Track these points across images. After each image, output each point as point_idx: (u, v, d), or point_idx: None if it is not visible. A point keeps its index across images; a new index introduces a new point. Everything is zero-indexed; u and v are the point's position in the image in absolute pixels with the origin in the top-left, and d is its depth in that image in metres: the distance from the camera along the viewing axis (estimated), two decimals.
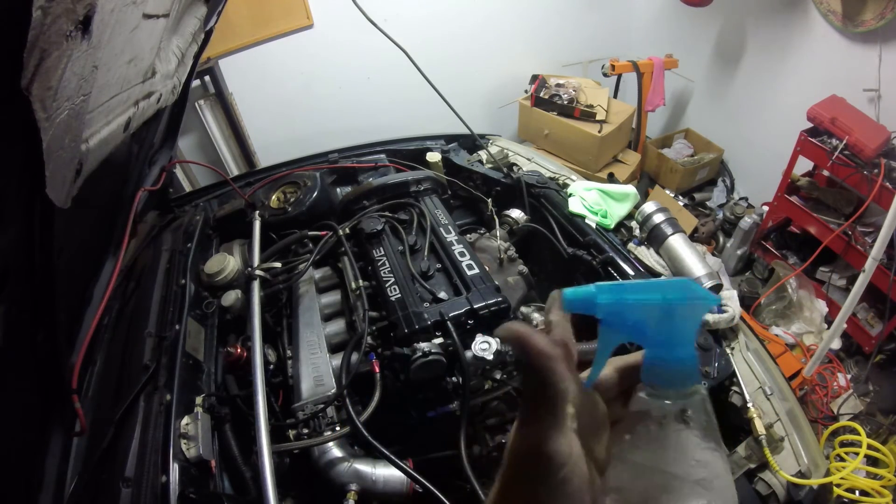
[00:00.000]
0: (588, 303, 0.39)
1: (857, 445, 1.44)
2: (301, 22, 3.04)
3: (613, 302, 0.38)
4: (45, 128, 0.59)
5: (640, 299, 0.38)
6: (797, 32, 2.93)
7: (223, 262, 1.44)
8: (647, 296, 0.38)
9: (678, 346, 0.38)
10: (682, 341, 0.38)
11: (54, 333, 0.89)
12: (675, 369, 0.39)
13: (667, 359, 0.39)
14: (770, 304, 2.84)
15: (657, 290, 0.38)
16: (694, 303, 0.38)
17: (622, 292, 0.38)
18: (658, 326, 0.38)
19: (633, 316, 0.38)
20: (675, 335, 0.38)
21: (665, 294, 0.38)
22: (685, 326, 0.38)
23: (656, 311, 0.38)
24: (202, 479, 0.98)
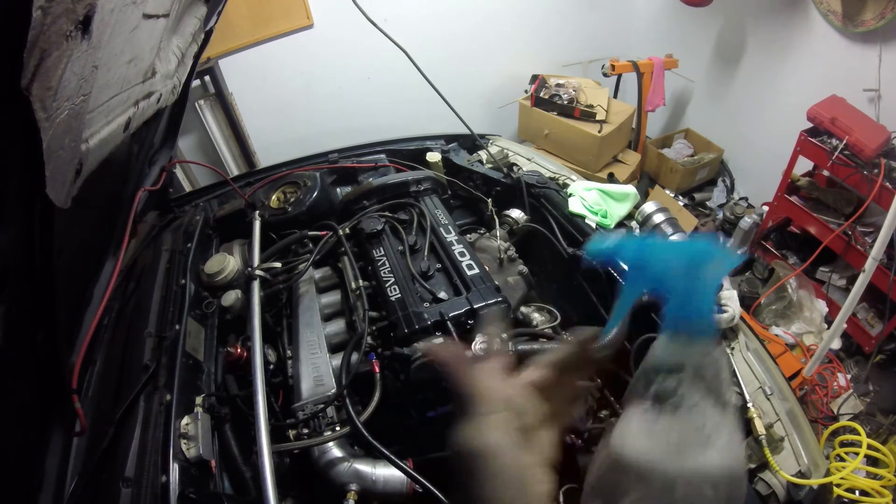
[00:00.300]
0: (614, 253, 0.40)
1: (857, 445, 1.44)
2: (301, 22, 3.04)
3: (639, 252, 0.40)
4: (45, 128, 0.59)
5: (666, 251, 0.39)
6: (797, 32, 2.93)
7: (223, 262, 1.44)
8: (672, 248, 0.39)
9: (699, 300, 0.39)
10: (703, 295, 0.39)
11: (54, 333, 0.89)
12: (695, 320, 0.39)
13: (687, 311, 0.39)
14: (770, 304, 2.84)
15: (682, 249, 0.39)
16: (717, 259, 0.39)
17: (648, 248, 0.40)
18: (681, 280, 0.39)
19: (656, 268, 0.39)
20: (696, 289, 0.39)
21: (690, 248, 0.39)
22: (707, 281, 0.39)
23: (680, 265, 0.39)
24: (202, 479, 0.98)
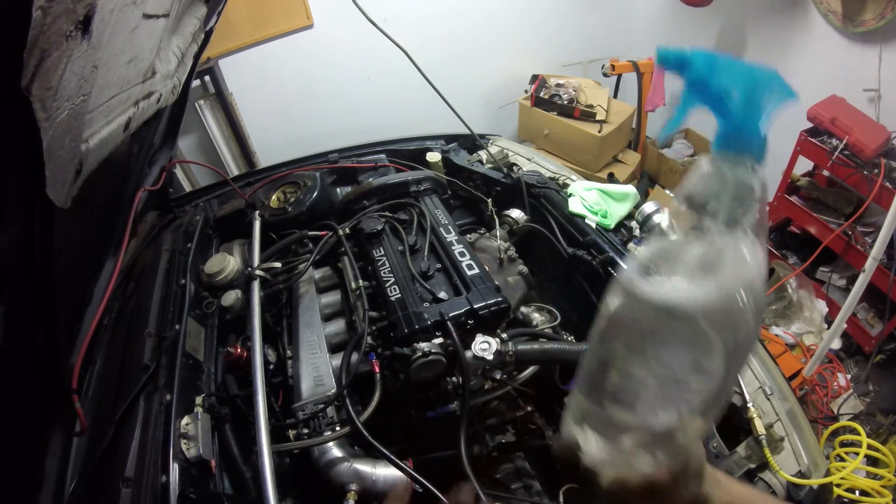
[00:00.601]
0: (682, 62, 0.41)
1: (857, 445, 1.44)
2: (301, 22, 3.04)
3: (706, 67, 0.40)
4: (45, 128, 0.59)
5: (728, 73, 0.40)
6: (797, 32, 2.93)
7: (223, 262, 1.45)
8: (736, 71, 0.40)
9: (752, 123, 0.40)
10: (756, 121, 0.40)
11: (54, 333, 0.89)
12: (747, 137, 0.40)
13: (740, 131, 0.40)
14: (770, 304, 2.83)
15: (747, 70, 0.40)
16: (776, 88, 0.40)
17: (714, 63, 0.40)
18: (738, 102, 0.39)
19: (718, 84, 0.40)
20: (751, 113, 0.40)
21: (753, 75, 0.39)
22: (761, 109, 0.40)
23: (740, 88, 0.39)
24: (202, 479, 0.98)
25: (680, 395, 0.39)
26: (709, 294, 0.38)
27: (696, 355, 0.38)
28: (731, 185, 0.40)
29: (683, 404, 0.40)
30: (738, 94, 0.39)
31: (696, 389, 0.39)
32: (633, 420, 0.41)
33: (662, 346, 0.39)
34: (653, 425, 0.41)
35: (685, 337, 0.38)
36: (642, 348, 0.40)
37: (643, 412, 0.40)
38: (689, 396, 0.39)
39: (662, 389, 0.39)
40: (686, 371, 0.39)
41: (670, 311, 0.38)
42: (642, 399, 0.40)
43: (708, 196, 0.40)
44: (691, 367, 0.39)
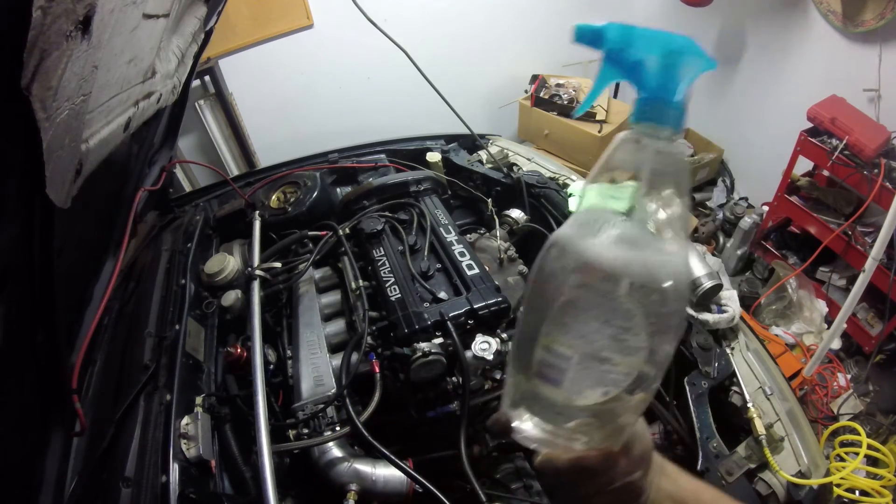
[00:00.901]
0: (597, 35, 0.41)
1: (857, 445, 1.44)
2: (301, 22, 3.04)
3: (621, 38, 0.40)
4: (45, 128, 0.59)
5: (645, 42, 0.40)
6: (797, 32, 2.93)
7: (223, 262, 1.45)
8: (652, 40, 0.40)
9: (670, 93, 0.40)
10: (675, 89, 0.40)
11: (54, 333, 0.89)
12: (664, 106, 0.40)
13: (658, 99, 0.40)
14: (770, 304, 2.84)
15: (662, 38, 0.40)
16: (692, 57, 0.39)
17: (629, 34, 0.40)
18: (655, 71, 0.39)
19: (634, 55, 0.40)
20: (669, 83, 0.40)
21: (669, 43, 0.39)
22: (679, 77, 0.40)
23: (656, 56, 0.39)
24: (202, 479, 0.98)
25: (604, 373, 0.39)
26: (630, 261, 0.38)
27: (616, 331, 0.38)
28: (650, 157, 0.39)
29: (610, 384, 0.39)
30: (655, 63, 0.39)
31: (620, 369, 0.39)
32: (559, 397, 0.40)
33: (582, 317, 0.39)
34: (579, 403, 0.40)
35: (605, 307, 0.38)
36: (562, 320, 0.39)
37: (569, 389, 0.40)
38: (614, 376, 0.39)
39: (586, 366, 0.39)
40: (608, 348, 0.38)
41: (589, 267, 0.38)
42: (567, 376, 0.40)
43: (627, 168, 0.40)
44: (613, 343, 0.38)
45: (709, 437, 1.11)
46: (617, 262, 0.38)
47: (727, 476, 1.05)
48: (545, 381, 0.41)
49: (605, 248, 0.38)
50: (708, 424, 1.13)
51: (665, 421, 1.19)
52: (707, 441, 1.10)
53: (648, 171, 0.39)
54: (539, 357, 0.41)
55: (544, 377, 0.41)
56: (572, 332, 0.39)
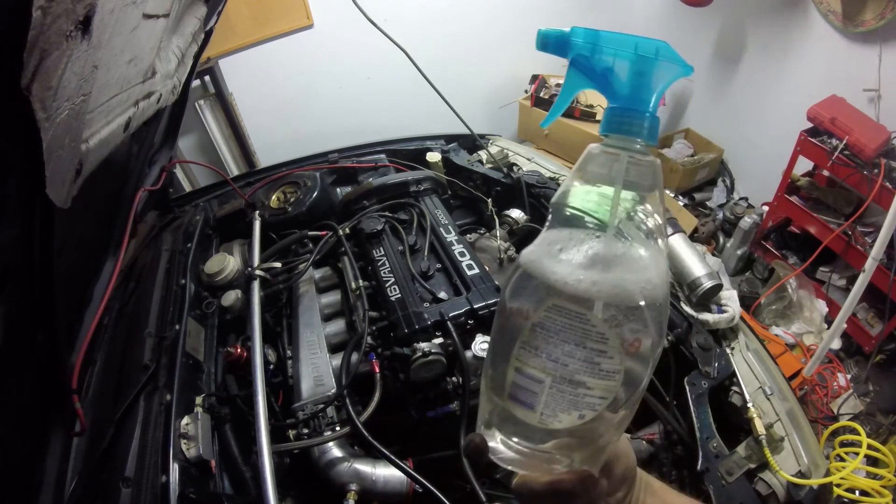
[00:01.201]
0: (562, 40, 0.38)
1: (857, 445, 1.44)
2: (301, 22, 3.04)
3: (587, 43, 0.37)
4: (45, 128, 0.59)
5: (614, 46, 0.37)
6: (797, 32, 2.93)
7: (223, 262, 1.44)
8: (620, 45, 0.37)
9: (642, 102, 0.37)
10: (647, 98, 0.37)
11: (54, 333, 0.89)
12: (636, 117, 0.38)
13: (629, 109, 0.38)
14: (770, 304, 2.83)
15: (631, 43, 0.37)
16: (665, 62, 0.37)
17: (597, 38, 0.37)
18: (625, 79, 0.37)
19: (602, 63, 0.37)
20: (641, 91, 0.37)
21: (638, 48, 0.36)
22: (652, 85, 0.37)
23: (626, 63, 0.37)
24: (202, 479, 0.98)
25: (579, 397, 0.37)
26: (601, 283, 0.36)
27: (589, 353, 0.36)
28: (622, 169, 0.37)
29: (586, 407, 0.37)
30: (625, 70, 0.37)
31: (595, 392, 0.37)
32: (533, 420, 0.39)
33: (553, 340, 0.37)
34: (554, 427, 0.38)
35: (577, 330, 0.36)
36: (533, 342, 0.37)
37: (542, 413, 0.38)
38: (590, 400, 0.37)
39: (559, 389, 0.37)
40: (582, 371, 0.36)
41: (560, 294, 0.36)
42: (540, 399, 0.38)
43: (600, 181, 0.38)
44: (587, 366, 0.36)
45: (709, 437, 1.11)
46: (587, 284, 0.36)
47: (727, 476, 1.05)
48: (518, 403, 0.39)
49: (575, 269, 0.36)
50: (708, 424, 1.13)
51: (665, 421, 1.19)
52: (707, 441, 1.10)
53: (621, 183, 0.37)
54: (511, 379, 0.39)
55: (517, 400, 0.39)
56: (543, 354, 0.37)
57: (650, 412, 1.21)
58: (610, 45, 0.37)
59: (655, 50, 0.36)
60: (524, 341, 0.38)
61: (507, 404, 0.40)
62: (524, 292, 0.39)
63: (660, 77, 0.37)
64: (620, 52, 0.37)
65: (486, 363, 0.43)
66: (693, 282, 1.43)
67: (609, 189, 0.38)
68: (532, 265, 0.39)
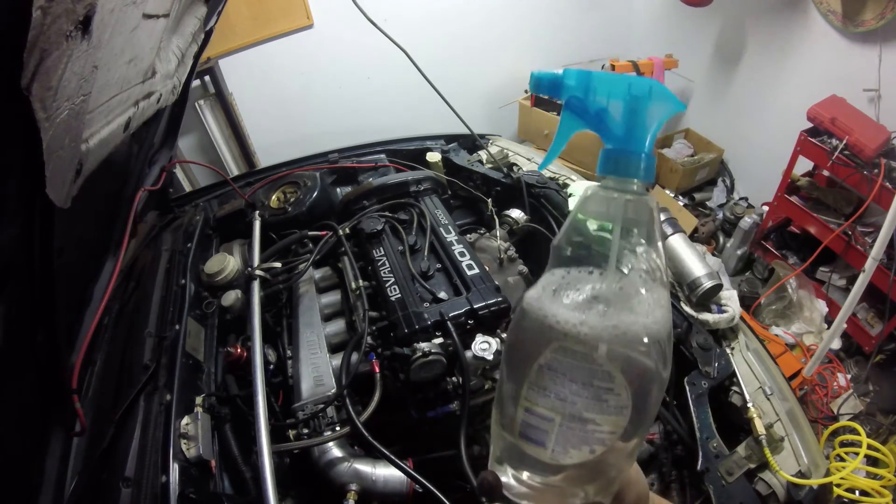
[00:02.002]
0: (555, 83, 0.39)
1: (857, 445, 1.44)
2: (301, 22, 3.04)
3: (579, 85, 0.38)
4: (45, 128, 0.59)
5: (607, 86, 0.38)
6: (797, 32, 2.93)
7: (223, 262, 1.44)
8: (613, 85, 0.37)
9: (637, 142, 0.38)
10: (642, 137, 0.38)
11: (54, 333, 0.89)
12: (632, 158, 0.38)
13: (625, 150, 0.38)
14: (770, 304, 2.83)
15: (624, 83, 0.37)
16: (658, 101, 0.37)
17: (589, 79, 0.38)
18: (619, 119, 0.38)
19: (596, 104, 0.38)
20: (635, 130, 0.38)
21: (631, 88, 0.37)
22: (646, 123, 0.38)
23: (619, 103, 0.37)
24: (202, 479, 0.98)
25: (589, 433, 0.38)
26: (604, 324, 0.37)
27: (597, 391, 0.37)
28: (619, 208, 0.38)
29: (596, 443, 0.38)
30: (619, 111, 0.38)
31: (605, 427, 0.38)
32: (545, 457, 0.39)
33: (560, 380, 0.38)
34: (565, 463, 0.39)
35: (583, 370, 0.37)
36: (540, 383, 0.38)
37: (554, 450, 0.39)
38: (600, 435, 0.38)
39: (569, 427, 0.38)
40: (590, 408, 0.37)
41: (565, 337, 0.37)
42: (551, 437, 0.38)
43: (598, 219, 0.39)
44: (595, 404, 0.37)
45: (709, 437, 1.11)
46: (590, 327, 0.37)
47: (727, 476, 1.05)
48: (529, 441, 0.40)
49: (578, 312, 0.37)
50: (708, 424, 1.13)
51: (665, 421, 1.19)
52: (707, 441, 1.10)
53: (620, 222, 0.38)
54: (521, 418, 0.40)
55: (528, 438, 0.40)
56: (552, 394, 0.38)
57: None
58: (603, 85, 0.38)
59: (648, 89, 0.37)
60: (532, 382, 0.39)
61: (519, 442, 0.41)
62: (529, 334, 0.40)
63: (653, 116, 0.38)
64: (614, 93, 0.38)
65: (496, 402, 0.44)
66: (693, 282, 1.43)
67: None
68: (536, 308, 0.39)
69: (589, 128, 0.39)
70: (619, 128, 0.38)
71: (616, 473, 0.41)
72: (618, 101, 0.37)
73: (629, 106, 0.37)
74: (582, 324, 0.37)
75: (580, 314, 0.37)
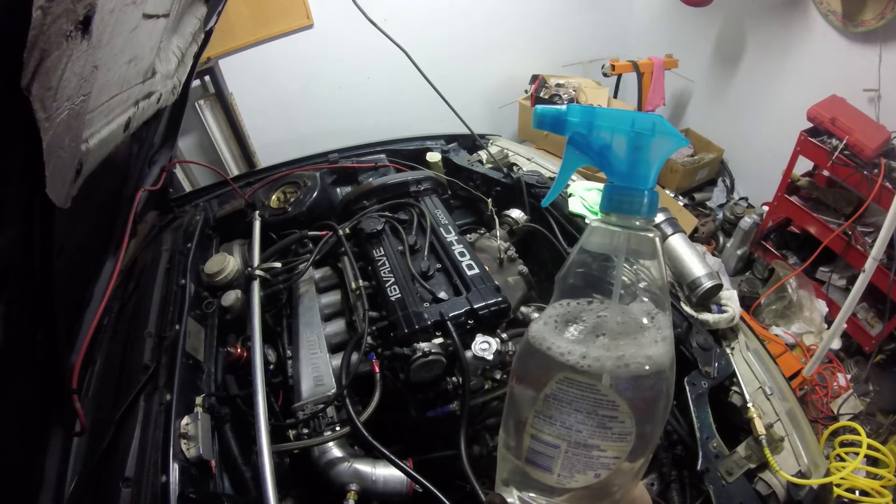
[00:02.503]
0: (558, 120, 0.39)
1: (857, 445, 1.44)
2: (301, 22, 3.04)
3: (583, 121, 0.38)
4: (45, 128, 0.59)
5: (610, 122, 0.38)
6: (797, 32, 2.93)
7: (223, 262, 1.44)
8: (616, 121, 0.38)
9: (640, 178, 0.38)
10: (645, 173, 0.38)
11: (54, 333, 0.89)
12: (635, 195, 0.38)
13: (628, 187, 0.38)
14: (770, 304, 2.83)
15: (628, 119, 0.38)
16: (662, 137, 0.37)
17: (592, 116, 0.38)
18: (623, 155, 0.38)
19: (599, 140, 0.38)
20: (638, 166, 0.38)
21: (635, 124, 0.37)
22: (649, 159, 0.38)
23: (623, 139, 0.38)
24: (202, 479, 0.98)
25: (594, 459, 0.39)
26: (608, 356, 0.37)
27: (602, 419, 0.38)
28: (623, 242, 0.38)
29: (601, 468, 0.39)
30: (622, 146, 0.38)
31: (609, 453, 0.39)
32: (551, 482, 0.40)
33: (566, 410, 0.38)
34: (571, 486, 0.40)
35: (588, 400, 0.38)
36: (546, 412, 0.39)
37: (560, 475, 0.40)
38: (604, 460, 0.39)
39: (574, 453, 0.39)
40: (595, 435, 0.38)
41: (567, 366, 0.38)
42: (557, 463, 0.39)
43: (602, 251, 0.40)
44: (600, 431, 0.38)
45: (709, 437, 1.11)
46: (593, 360, 0.37)
47: (727, 476, 1.05)
48: (535, 466, 0.41)
49: (581, 345, 0.38)
50: (708, 424, 1.13)
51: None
52: (707, 441, 1.10)
53: (623, 258, 0.39)
54: (527, 444, 0.41)
55: (534, 463, 0.41)
56: (557, 422, 0.39)
57: None
58: (606, 121, 0.38)
59: (652, 125, 0.37)
60: (538, 410, 0.40)
61: (525, 467, 0.42)
62: (534, 365, 0.40)
63: (656, 152, 0.38)
64: (617, 129, 0.38)
65: (502, 428, 0.45)
66: (693, 282, 1.43)
67: None
68: (540, 341, 0.40)
69: (592, 163, 0.39)
70: (623, 164, 0.38)
71: (621, 493, 0.42)
72: (621, 136, 0.38)
73: (632, 142, 0.37)
74: (585, 356, 0.38)
75: (583, 347, 0.38)
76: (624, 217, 0.39)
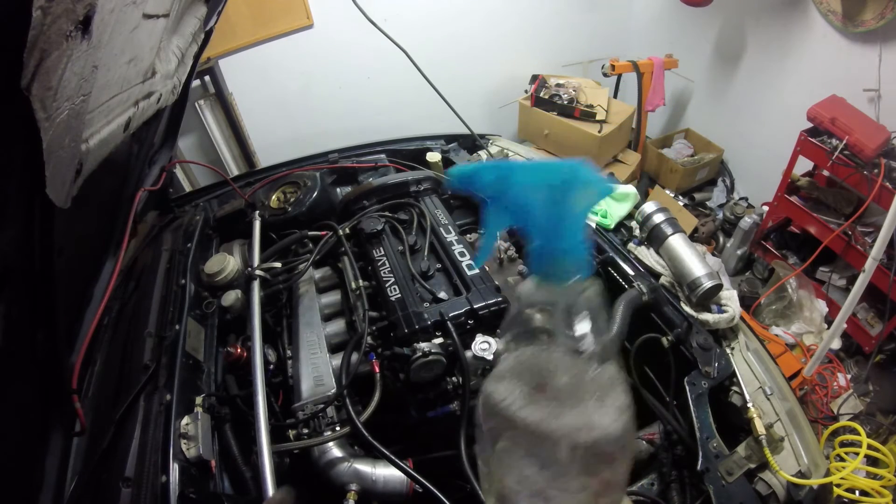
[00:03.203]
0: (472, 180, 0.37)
1: (857, 445, 1.44)
2: (301, 22, 3.04)
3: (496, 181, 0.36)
4: (45, 128, 0.59)
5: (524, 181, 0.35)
6: (797, 32, 2.93)
7: (223, 262, 1.45)
8: (532, 177, 0.35)
9: (565, 235, 0.36)
10: (570, 230, 0.36)
11: (54, 333, 0.89)
12: (563, 260, 0.36)
13: (553, 248, 0.36)
14: (770, 304, 2.83)
15: (544, 172, 0.35)
16: (583, 189, 0.35)
17: (508, 172, 0.35)
18: (544, 211, 0.35)
19: (518, 198, 0.36)
20: (562, 222, 0.36)
21: (552, 177, 0.35)
22: (573, 214, 0.36)
23: (542, 195, 0.35)
24: (202, 479, 0.98)
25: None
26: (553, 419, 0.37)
27: (554, 474, 0.38)
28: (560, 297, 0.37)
29: None
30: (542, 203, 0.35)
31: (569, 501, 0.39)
32: None
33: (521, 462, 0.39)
34: None
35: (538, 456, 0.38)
36: (506, 460, 0.40)
37: None
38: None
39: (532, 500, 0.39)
40: (551, 487, 0.38)
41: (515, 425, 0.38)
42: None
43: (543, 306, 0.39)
44: (555, 483, 0.38)
45: (709, 437, 1.11)
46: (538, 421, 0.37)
47: (727, 476, 1.05)
48: None
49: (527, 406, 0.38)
50: (708, 424, 1.13)
51: (665, 421, 1.19)
52: (707, 441, 1.10)
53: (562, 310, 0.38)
54: (497, 487, 0.41)
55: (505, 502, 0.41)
56: (515, 472, 0.39)
57: (650, 412, 1.21)
58: (522, 177, 0.35)
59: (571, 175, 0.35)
60: (498, 457, 0.41)
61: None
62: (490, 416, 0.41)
63: (580, 203, 0.36)
64: (534, 185, 0.35)
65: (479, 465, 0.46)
66: (693, 282, 1.43)
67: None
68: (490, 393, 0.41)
69: (514, 222, 0.37)
70: (545, 221, 0.35)
71: None
72: (539, 192, 0.35)
73: (552, 196, 0.35)
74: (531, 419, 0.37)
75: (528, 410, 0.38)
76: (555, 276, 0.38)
